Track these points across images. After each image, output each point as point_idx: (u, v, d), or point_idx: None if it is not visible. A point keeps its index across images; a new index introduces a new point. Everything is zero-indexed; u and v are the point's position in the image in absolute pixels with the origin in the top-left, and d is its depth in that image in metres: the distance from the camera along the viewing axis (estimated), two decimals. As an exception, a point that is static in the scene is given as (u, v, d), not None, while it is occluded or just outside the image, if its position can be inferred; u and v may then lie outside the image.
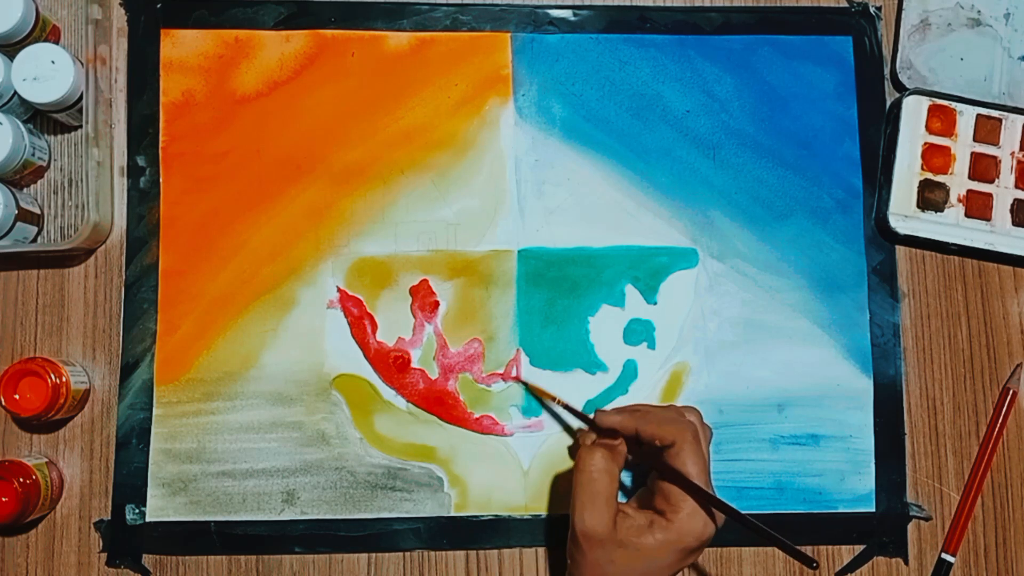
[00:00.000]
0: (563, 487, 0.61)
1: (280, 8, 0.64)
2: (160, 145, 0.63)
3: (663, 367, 0.63)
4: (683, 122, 0.65)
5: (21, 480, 0.56)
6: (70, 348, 0.61)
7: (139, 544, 0.60)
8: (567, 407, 0.59)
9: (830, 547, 0.62)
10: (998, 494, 0.63)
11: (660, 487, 0.52)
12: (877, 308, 0.64)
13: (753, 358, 0.63)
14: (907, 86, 0.65)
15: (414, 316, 0.62)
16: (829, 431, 0.62)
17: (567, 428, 0.62)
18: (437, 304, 0.62)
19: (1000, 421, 0.63)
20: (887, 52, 0.66)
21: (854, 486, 0.62)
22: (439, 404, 0.61)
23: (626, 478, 0.61)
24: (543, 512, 0.61)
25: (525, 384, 0.61)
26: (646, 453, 0.53)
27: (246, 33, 0.64)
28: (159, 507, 0.60)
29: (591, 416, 0.55)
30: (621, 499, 0.53)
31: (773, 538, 0.49)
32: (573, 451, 0.61)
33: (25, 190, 0.62)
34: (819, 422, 0.62)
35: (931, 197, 0.64)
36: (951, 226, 0.64)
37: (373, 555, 0.60)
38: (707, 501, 0.50)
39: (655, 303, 0.63)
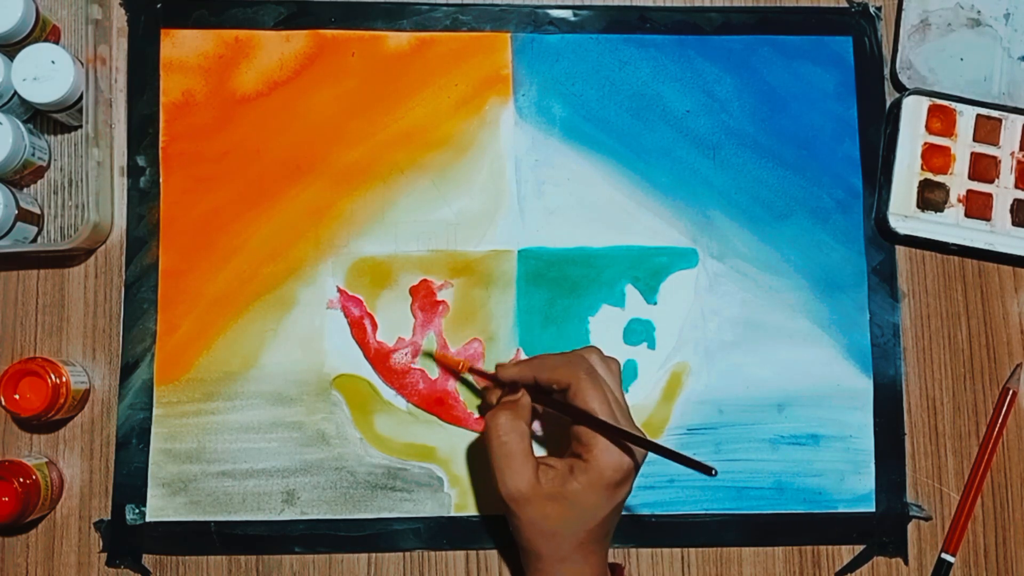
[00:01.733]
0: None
1: (280, 8, 0.64)
2: (160, 145, 0.63)
3: (663, 367, 0.63)
4: (683, 122, 0.65)
5: (21, 480, 0.56)
6: (70, 348, 0.61)
7: (139, 544, 0.60)
8: (474, 370, 0.59)
9: (830, 547, 0.62)
10: (998, 494, 0.63)
11: (573, 431, 0.52)
12: (877, 308, 0.64)
13: (753, 358, 0.63)
14: (907, 86, 0.65)
15: (414, 316, 0.62)
16: (829, 431, 0.62)
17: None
18: (437, 304, 0.62)
19: (1000, 421, 0.63)
20: (887, 52, 0.66)
21: (854, 486, 0.62)
22: (439, 404, 0.61)
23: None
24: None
25: (432, 357, 0.61)
26: (550, 400, 0.53)
27: (246, 33, 0.64)
28: (159, 507, 0.60)
29: (491, 373, 0.56)
30: (543, 454, 0.54)
31: (671, 453, 0.49)
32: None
33: (25, 190, 0.62)
34: (819, 422, 0.62)
35: (931, 197, 0.64)
36: (951, 226, 0.64)
37: (373, 555, 0.60)
38: (611, 432, 0.50)
39: (655, 303, 0.63)
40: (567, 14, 0.65)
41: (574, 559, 0.52)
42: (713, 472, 0.47)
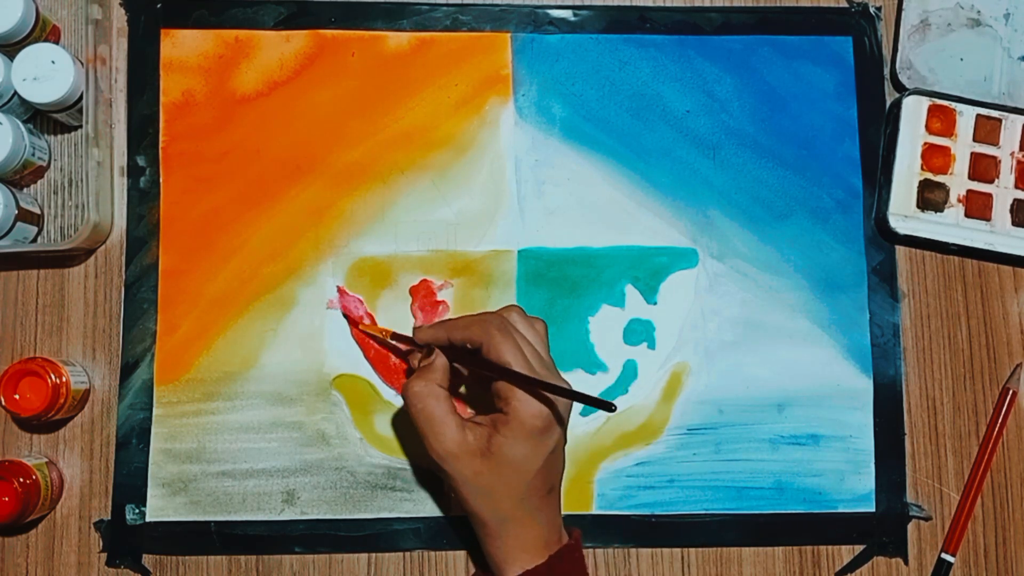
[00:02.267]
0: (564, 486, 0.61)
1: (280, 8, 0.64)
2: (160, 145, 0.63)
3: (663, 367, 0.63)
4: (683, 122, 0.65)
5: (21, 480, 0.56)
6: (70, 348, 0.61)
7: (139, 544, 0.60)
8: (397, 336, 0.59)
9: (830, 547, 0.62)
10: (998, 494, 0.63)
11: (494, 388, 0.52)
12: (877, 308, 0.64)
13: (753, 358, 0.63)
14: (907, 86, 0.65)
15: (414, 316, 0.62)
16: (829, 431, 0.62)
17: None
18: (437, 304, 0.62)
19: (1000, 421, 0.63)
20: (887, 52, 0.66)
21: (854, 486, 0.62)
22: (439, 404, 0.61)
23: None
24: (543, 512, 0.61)
25: (351, 324, 0.61)
26: (466, 358, 0.54)
27: (246, 33, 0.64)
28: (159, 507, 0.60)
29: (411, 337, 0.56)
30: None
31: (575, 394, 0.50)
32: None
33: (25, 190, 0.62)
34: (819, 422, 0.62)
35: (931, 197, 0.64)
36: (951, 226, 0.64)
37: (373, 555, 0.60)
38: (521, 381, 0.50)
39: (655, 303, 0.63)
40: (567, 14, 0.65)
41: (517, 518, 0.52)
42: (613, 408, 0.48)
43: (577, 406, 0.61)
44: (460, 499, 0.53)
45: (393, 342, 0.60)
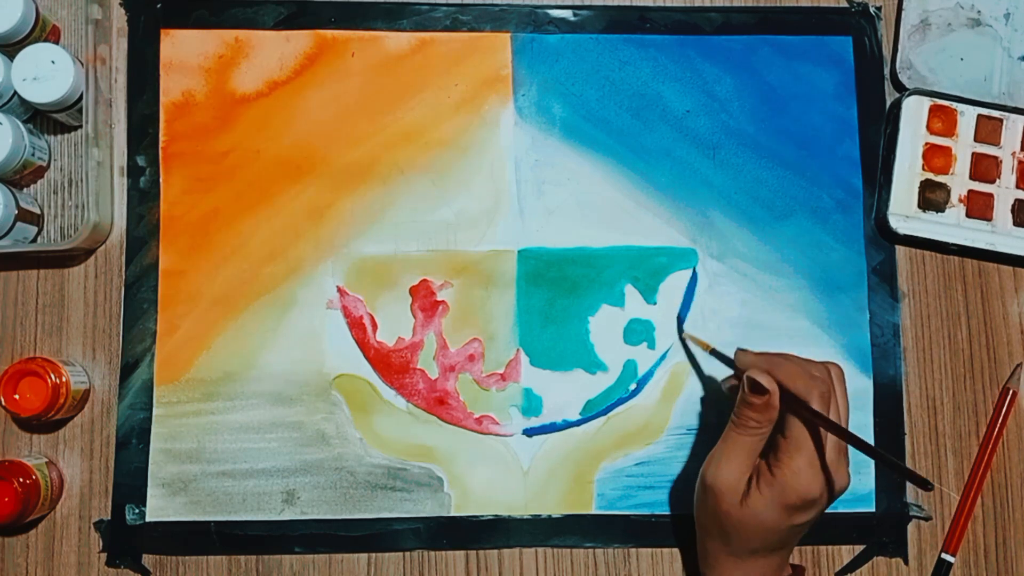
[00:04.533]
0: (564, 486, 0.61)
1: (280, 8, 0.64)
2: (160, 145, 0.63)
3: (663, 367, 0.63)
4: (683, 122, 0.65)
5: (21, 480, 0.56)
6: (70, 348, 0.61)
7: (139, 544, 0.60)
8: (716, 352, 0.59)
9: (830, 547, 0.62)
10: (998, 494, 0.63)
11: (773, 441, 0.51)
12: (877, 308, 0.64)
13: (753, 358, 0.63)
14: (907, 86, 0.65)
15: (414, 316, 0.62)
16: (829, 431, 0.62)
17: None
18: (437, 304, 0.62)
19: (1000, 421, 0.63)
20: (887, 52, 0.66)
21: (854, 486, 0.61)
22: (439, 404, 0.61)
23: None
24: (543, 512, 0.61)
25: (681, 333, 0.62)
26: (795, 406, 0.52)
27: (246, 33, 0.64)
28: (159, 507, 0.60)
29: (730, 358, 0.56)
30: None
31: (893, 463, 0.49)
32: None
33: (25, 190, 0.62)
34: (819, 422, 0.62)
35: (932, 197, 0.64)
36: (952, 226, 0.64)
37: (373, 555, 0.60)
38: (853, 441, 0.49)
39: (655, 303, 0.63)
40: (567, 14, 0.65)
41: (745, 560, 0.52)
42: (929, 488, 0.46)
43: (580, 401, 0.62)
44: (701, 524, 0.54)
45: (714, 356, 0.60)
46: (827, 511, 0.61)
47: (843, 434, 0.50)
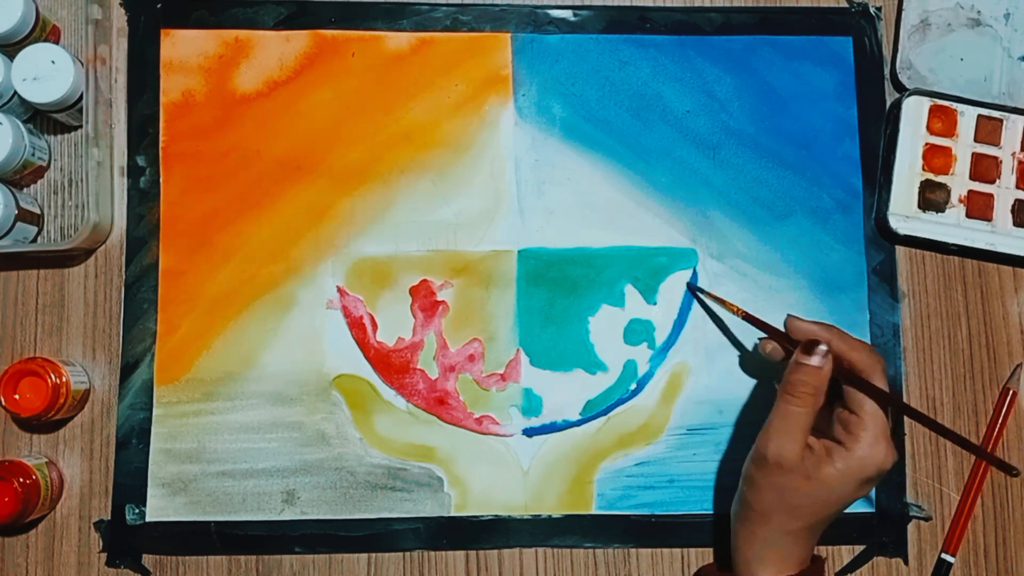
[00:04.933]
0: (564, 486, 0.61)
1: (280, 8, 0.64)
2: (160, 145, 0.63)
3: (663, 367, 0.63)
4: (683, 122, 0.65)
5: (21, 480, 0.56)
6: (70, 348, 0.61)
7: (139, 544, 0.60)
8: (747, 316, 0.59)
9: (830, 547, 0.62)
10: (998, 494, 0.63)
11: (839, 416, 0.52)
12: (877, 308, 0.64)
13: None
14: (907, 86, 0.65)
15: (414, 316, 0.62)
16: (829, 431, 0.62)
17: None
18: (437, 304, 0.62)
19: (1000, 421, 0.63)
20: (887, 52, 0.66)
21: (854, 486, 0.62)
22: (439, 404, 0.61)
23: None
24: (543, 512, 0.61)
25: (699, 292, 0.62)
26: (853, 379, 0.52)
27: (246, 33, 0.64)
28: (159, 507, 0.60)
29: (777, 328, 0.55)
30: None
31: (967, 442, 0.49)
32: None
33: (25, 190, 0.62)
34: (819, 422, 0.62)
35: (932, 197, 0.64)
36: (952, 226, 0.64)
37: (373, 555, 0.60)
38: (907, 411, 0.50)
39: (655, 303, 0.63)
40: (567, 14, 0.65)
41: (793, 535, 0.52)
42: (1015, 472, 0.47)
43: (580, 401, 0.62)
44: (757, 497, 0.53)
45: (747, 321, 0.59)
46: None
47: (903, 406, 0.51)
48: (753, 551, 0.53)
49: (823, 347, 0.52)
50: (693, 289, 0.62)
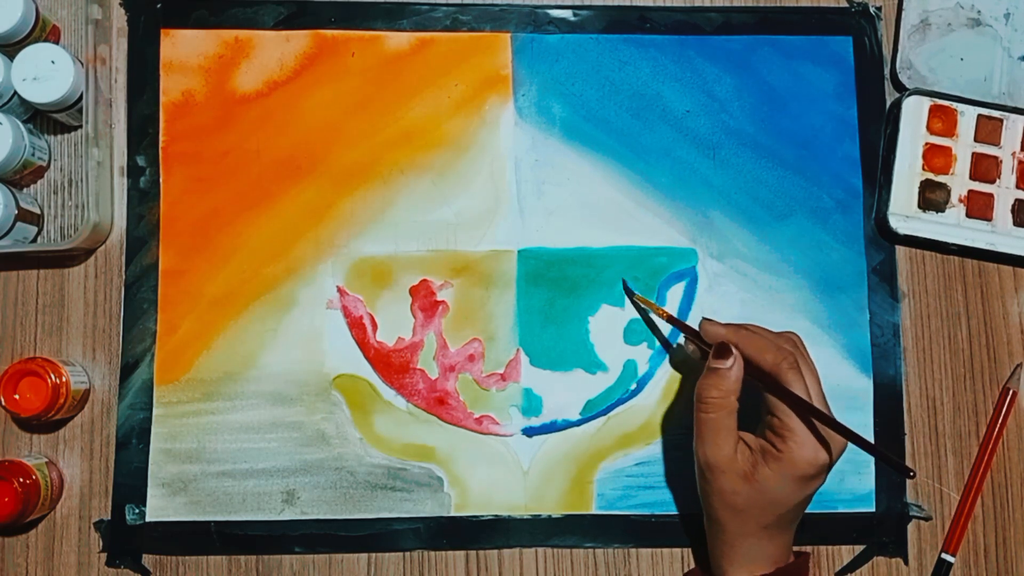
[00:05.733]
0: (564, 486, 0.61)
1: (280, 8, 0.64)
2: (160, 145, 0.63)
3: (663, 367, 0.63)
4: (683, 122, 0.65)
5: (21, 480, 0.56)
6: (70, 348, 0.61)
7: (139, 544, 0.60)
8: (671, 319, 0.60)
9: (830, 547, 0.62)
10: (998, 494, 0.63)
11: (768, 419, 0.52)
12: (877, 308, 0.64)
13: (753, 358, 0.63)
14: (907, 86, 0.65)
15: (414, 316, 0.62)
16: (829, 431, 0.62)
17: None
18: (437, 304, 0.62)
19: (1000, 421, 0.63)
20: (887, 52, 0.66)
21: (854, 486, 0.62)
22: (439, 404, 0.61)
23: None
24: (543, 512, 0.61)
25: (631, 295, 0.62)
26: (764, 381, 0.52)
27: (246, 33, 0.64)
28: (159, 507, 0.60)
29: (696, 329, 0.55)
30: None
31: (873, 448, 0.49)
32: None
33: (25, 190, 0.62)
34: (819, 422, 0.62)
35: (932, 197, 0.64)
36: (952, 226, 0.64)
37: (373, 555, 0.60)
38: (822, 419, 0.49)
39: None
40: (567, 14, 0.65)
41: (758, 536, 0.52)
42: (912, 475, 0.48)
43: (580, 401, 0.62)
44: (707, 503, 0.53)
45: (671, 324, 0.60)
46: (827, 511, 0.62)
47: (812, 411, 0.50)
48: (721, 554, 0.54)
49: (730, 359, 0.52)
50: (627, 289, 0.62)
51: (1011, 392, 0.63)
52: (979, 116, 0.65)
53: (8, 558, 0.60)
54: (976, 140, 0.65)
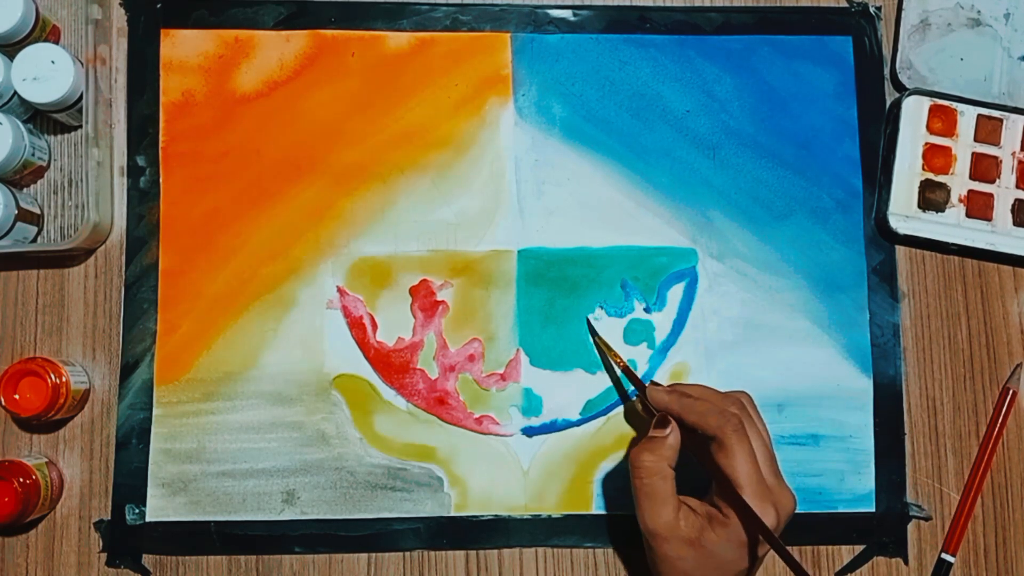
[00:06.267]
0: (564, 486, 0.61)
1: (280, 8, 0.64)
2: (160, 145, 0.63)
3: (663, 367, 0.63)
4: (683, 122, 0.65)
5: (21, 480, 0.56)
6: (70, 348, 0.61)
7: (139, 544, 0.60)
8: (626, 370, 0.59)
9: (830, 547, 0.62)
10: (998, 494, 0.63)
11: (714, 487, 0.51)
12: (877, 308, 0.64)
13: (753, 358, 0.63)
14: (907, 86, 0.65)
15: (414, 316, 0.62)
16: (829, 431, 0.62)
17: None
18: (437, 304, 0.62)
19: (1000, 421, 0.63)
20: (887, 52, 0.66)
21: (854, 486, 0.62)
22: (439, 404, 0.61)
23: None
24: (543, 512, 0.61)
25: (593, 333, 0.62)
26: (699, 452, 0.52)
27: (246, 33, 0.64)
28: (159, 507, 0.60)
29: (645, 386, 0.55)
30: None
31: (790, 559, 0.48)
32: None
33: (25, 190, 0.62)
34: (819, 422, 0.62)
35: (932, 197, 0.64)
36: (952, 226, 0.64)
37: (373, 555, 0.60)
38: (742, 510, 0.49)
39: (655, 303, 0.63)
40: (567, 14, 0.65)
41: None
42: None
43: (580, 401, 0.62)
44: (655, 570, 0.52)
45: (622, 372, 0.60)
46: (827, 511, 0.62)
47: (733, 496, 0.49)
48: None
49: (667, 429, 0.52)
50: (591, 328, 0.62)
51: (1011, 392, 0.63)
52: (979, 116, 0.65)
53: (8, 558, 0.60)
54: (976, 140, 0.65)
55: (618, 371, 0.62)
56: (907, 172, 0.64)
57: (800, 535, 0.61)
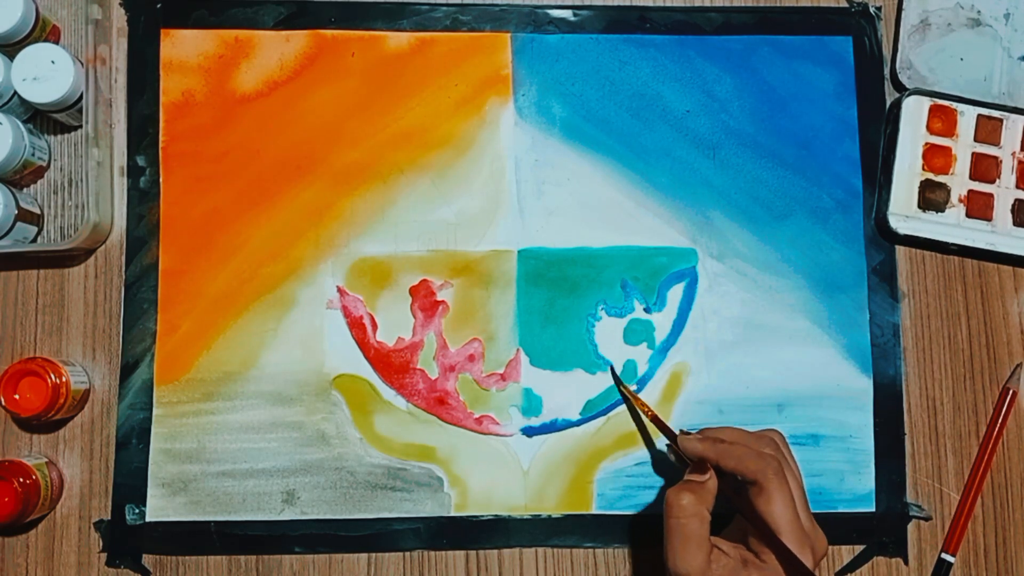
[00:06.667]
0: (564, 486, 0.61)
1: (280, 8, 0.64)
2: (160, 145, 0.63)
3: (663, 367, 0.63)
4: (683, 122, 0.65)
5: (21, 480, 0.56)
6: (70, 348, 0.61)
7: (139, 544, 0.60)
8: (656, 419, 0.58)
9: (830, 547, 0.62)
10: (998, 494, 0.63)
11: (750, 529, 0.50)
12: (877, 308, 0.64)
13: (753, 358, 0.63)
14: (907, 86, 0.65)
15: (414, 316, 0.62)
16: (829, 431, 0.62)
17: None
18: (437, 304, 0.62)
19: (1000, 421, 0.63)
20: (887, 52, 0.66)
21: (854, 486, 0.62)
22: (439, 404, 0.61)
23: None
24: (543, 512, 0.61)
25: (618, 383, 0.61)
26: (731, 489, 0.51)
27: (246, 33, 0.64)
28: (159, 507, 0.60)
29: (676, 434, 0.54)
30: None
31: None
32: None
33: (25, 190, 0.62)
34: (819, 422, 0.62)
35: (932, 197, 0.64)
36: (952, 226, 0.64)
37: (373, 555, 0.60)
38: (783, 555, 0.48)
39: (655, 303, 0.63)
40: (567, 14, 0.65)
41: None
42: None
43: (580, 401, 0.62)
44: None
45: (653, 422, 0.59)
46: (827, 511, 0.62)
47: (776, 544, 0.48)
48: None
49: (707, 474, 0.51)
50: (616, 378, 0.62)
51: (1011, 392, 0.63)
52: (979, 116, 0.65)
53: (8, 558, 0.60)
54: (976, 140, 0.65)
55: (647, 421, 0.61)
56: (907, 172, 0.64)
57: (800, 535, 0.61)
